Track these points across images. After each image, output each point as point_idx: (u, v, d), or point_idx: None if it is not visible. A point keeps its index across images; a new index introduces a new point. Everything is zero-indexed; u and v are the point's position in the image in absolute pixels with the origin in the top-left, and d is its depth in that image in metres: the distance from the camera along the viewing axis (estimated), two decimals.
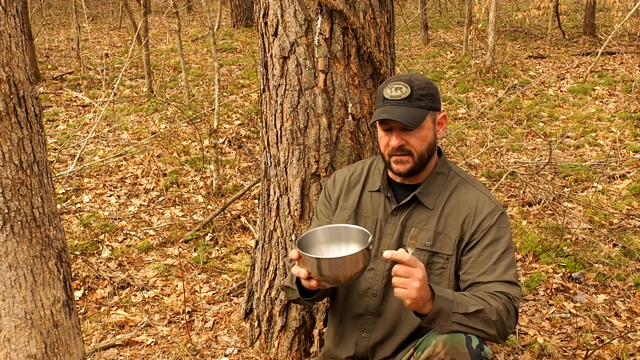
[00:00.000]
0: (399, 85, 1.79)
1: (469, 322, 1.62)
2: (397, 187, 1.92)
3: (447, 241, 1.82)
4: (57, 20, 13.98)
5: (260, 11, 2.43)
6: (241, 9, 12.35)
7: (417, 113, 1.78)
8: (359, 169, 2.03)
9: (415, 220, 1.86)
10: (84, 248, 3.80)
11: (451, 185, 1.89)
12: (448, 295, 1.64)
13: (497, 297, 1.69)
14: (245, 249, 3.81)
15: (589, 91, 7.31)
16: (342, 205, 1.98)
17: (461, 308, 1.62)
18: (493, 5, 8.11)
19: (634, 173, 4.79)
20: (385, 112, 1.78)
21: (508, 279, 1.74)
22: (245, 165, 5.33)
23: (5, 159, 1.50)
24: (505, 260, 1.77)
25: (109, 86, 7.69)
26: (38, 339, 1.60)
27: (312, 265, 1.64)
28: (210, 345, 2.83)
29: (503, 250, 1.78)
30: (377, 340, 1.89)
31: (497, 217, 1.82)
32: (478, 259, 1.78)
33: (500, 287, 1.71)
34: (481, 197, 1.86)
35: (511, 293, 1.71)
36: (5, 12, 1.49)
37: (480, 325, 1.63)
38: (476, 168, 5.10)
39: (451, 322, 1.61)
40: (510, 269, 1.76)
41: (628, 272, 3.34)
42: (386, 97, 1.80)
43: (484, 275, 1.75)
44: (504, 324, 1.67)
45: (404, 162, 1.82)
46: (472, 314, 1.63)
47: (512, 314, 1.69)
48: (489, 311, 1.64)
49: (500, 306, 1.66)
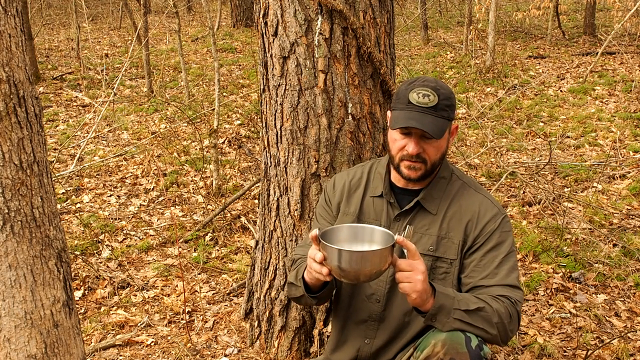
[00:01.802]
0: (427, 92, 1.75)
1: (470, 320, 1.63)
2: (400, 191, 1.91)
3: (451, 245, 1.82)
4: (57, 20, 13.98)
5: (260, 11, 2.43)
6: (241, 9, 12.35)
7: (441, 124, 1.75)
8: (359, 173, 2.00)
9: (418, 225, 1.85)
10: (84, 248, 3.80)
11: (453, 189, 1.88)
12: (449, 292, 1.66)
13: (499, 300, 1.69)
14: (245, 249, 3.81)
15: (589, 91, 7.31)
16: (344, 211, 1.96)
17: (462, 305, 1.64)
18: (493, 5, 8.11)
19: (634, 173, 4.79)
20: (412, 119, 1.74)
21: (510, 283, 1.74)
22: (245, 165, 5.33)
23: (5, 159, 1.50)
24: (507, 264, 1.77)
25: (109, 86, 7.69)
26: (38, 339, 1.60)
27: (333, 257, 1.59)
28: (210, 345, 2.83)
29: (505, 254, 1.78)
30: (380, 346, 1.89)
31: (500, 221, 1.82)
32: (480, 262, 1.78)
33: (502, 291, 1.71)
34: (484, 201, 1.86)
35: (513, 296, 1.71)
36: (5, 12, 1.49)
37: (481, 323, 1.64)
38: (476, 168, 5.10)
39: (452, 319, 1.62)
40: (512, 273, 1.76)
41: (628, 272, 3.34)
42: (412, 101, 1.75)
43: (486, 279, 1.75)
44: (505, 327, 1.67)
45: (416, 170, 1.81)
46: (473, 311, 1.63)
47: (514, 317, 1.69)
48: (490, 311, 1.65)
49: (502, 309, 1.67)
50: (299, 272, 1.86)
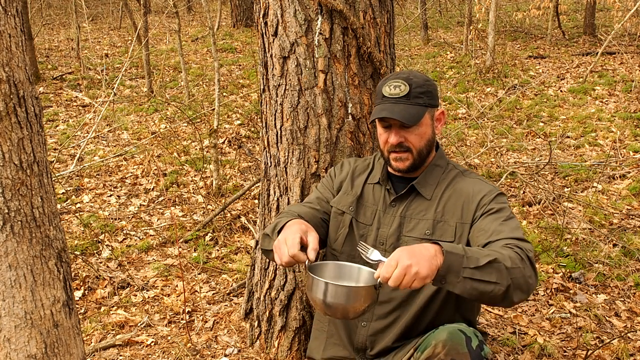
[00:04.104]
0: (398, 83, 1.82)
1: (481, 276, 1.52)
2: (396, 180, 1.97)
3: (447, 228, 1.83)
4: (57, 20, 13.98)
5: (260, 11, 2.43)
6: (241, 9, 12.35)
7: (415, 111, 1.81)
8: (366, 162, 2.08)
9: (414, 211, 1.89)
10: (84, 248, 3.80)
11: (449, 177, 1.92)
12: (458, 250, 1.54)
13: (510, 247, 1.63)
14: (245, 249, 3.81)
15: (589, 91, 7.31)
16: (346, 191, 2.02)
17: (472, 262, 1.53)
18: (493, 5, 8.11)
19: (634, 173, 4.79)
20: (384, 109, 1.82)
21: (517, 236, 1.69)
22: (245, 165, 5.33)
23: (5, 159, 1.50)
24: (510, 224, 1.75)
25: (109, 86, 7.69)
26: (38, 339, 1.60)
27: (318, 290, 1.60)
28: (210, 345, 2.83)
29: (506, 218, 1.77)
30: (378, 329, 1.90)
31: (495, 194, 1.84)
32: (483, 227, 1.77)
33: (511, 242, 1.66)
34: (477, 182, 1.89)
35: (524, 246, 1.65)
36: (5, 12, 1.49)
37: (495, 276, 1.53)
38: (476, 168, 5.10)
39: (463, 279, 1.52)
40: (517, 230, 1.73)
41: (628, 272, 3.34)
42: (385, 94, 1.84)
43: (492, 236, 1.71)
44: (521, 272, 1.57)
45: (404, 160, 1.87)
46: (484, 266, 1.53)
47: (527, 263, 1.61)
48: (502, 259, 1.55)
49: (513, 254, 1.59)
50: (277, 225, 1.86)
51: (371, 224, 1.94)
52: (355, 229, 1.96)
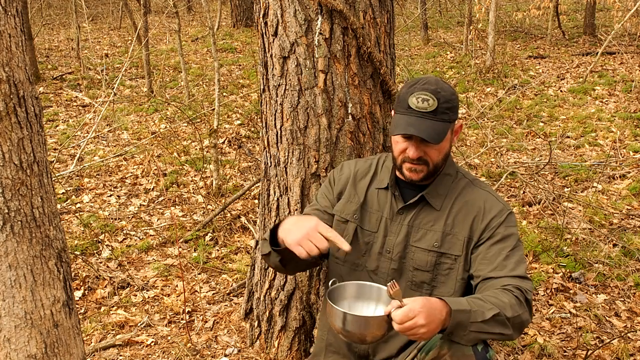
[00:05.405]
0: (426, 97, 1.74)
1: (487, 328, 1.59)
2: (405, 186, 1.92)
3: (455, 242, 1.82)
4: (57, 20, 13.98)
5: (260, 11, 2.43)
6: (241, 9, 12.35)
7: (441, 128, 1.76)
8: (367, 164, 2.03)
9: (422, 221, 1.86)
10: (84, 248, 3.80)
11: (459, 187, 1.89)
12: (464, 306, 1.59)
13: (510, 291, 1.67)
14: (245, 249, 3.81)
15: (589, 91, 7.31)
16: (349, 198, 1.98)
17: (478, 316, 1.58)
18: (493, 5, 8.11)
19: (634, 173, 4.79)
20: (410, 125, 1.74)
21: (519, 274, 1.73)
22: (245, 165, 5.32)
23: (5, 159, 1.50)
24: (514, 257, 1.77)
25: (109, 86, 7.69)
26: (38, 339, 1.60)
27: (337, 319, 1.63)
28: (210, 345, 2.83)
29: (512, 248, 1.78)
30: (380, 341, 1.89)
31: (506, 215, 1.83)
32: (487, 255, 1.78)
33: (512, 281, 1.70)
34: (489, 197, 1.87)
35: (524, 286, 1.70)
36: (5, 12, 1.49)
37: (498, 328, 1.61)
38: (476, 168, 5.10)
39: (469, 332, 1.58)
40: (520, 265, 1.75)
41: (628, 272, 3.34)
42: (411, 106, 1.75)
43: (495, 271, 1.74)
44: (520, 318, 1.64)
45: (418, 172, 1.82)
46: (489, 319, 1.59)
47: (525, 307, 1.67)
48: (504, 309, 1.61)
49: (514, 300, 1.65)
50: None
51: (377, 231, 1.91)
52: (360, 236, 1.93)
